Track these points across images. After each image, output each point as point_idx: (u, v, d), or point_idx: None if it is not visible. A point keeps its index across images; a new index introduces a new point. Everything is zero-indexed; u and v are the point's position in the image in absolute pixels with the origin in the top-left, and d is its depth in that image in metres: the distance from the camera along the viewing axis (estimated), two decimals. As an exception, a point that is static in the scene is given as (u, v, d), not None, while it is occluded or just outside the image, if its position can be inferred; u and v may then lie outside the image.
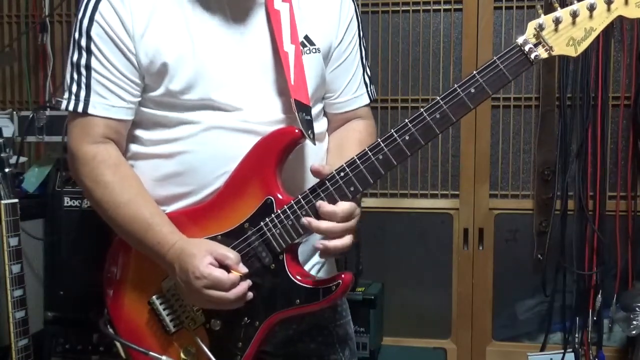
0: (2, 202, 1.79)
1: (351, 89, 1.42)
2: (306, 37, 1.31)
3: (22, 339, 1.81)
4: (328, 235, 1.20)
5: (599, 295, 2.60)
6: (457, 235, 2.74)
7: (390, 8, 2.75)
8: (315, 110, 1.35)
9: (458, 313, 2.76)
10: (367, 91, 1.45)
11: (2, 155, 1.82)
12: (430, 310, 2.77)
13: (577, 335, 2.64)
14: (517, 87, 2.69)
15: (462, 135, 2.72)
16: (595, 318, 2.62)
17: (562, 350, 2.66)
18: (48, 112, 2.27)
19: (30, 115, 2.27)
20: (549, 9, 1.17)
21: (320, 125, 1.38)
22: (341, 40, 1.37)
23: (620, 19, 1.15)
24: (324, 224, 1.19)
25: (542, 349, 2.70)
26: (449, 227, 2.75)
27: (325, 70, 1.37)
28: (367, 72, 1.45)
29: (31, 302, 1.85)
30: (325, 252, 1.21)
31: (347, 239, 1.20)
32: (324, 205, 1.19)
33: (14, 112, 2.36)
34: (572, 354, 2.64)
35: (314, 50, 1.32)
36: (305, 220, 1.20)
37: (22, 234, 1.85)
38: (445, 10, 2.71)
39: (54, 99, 2.75)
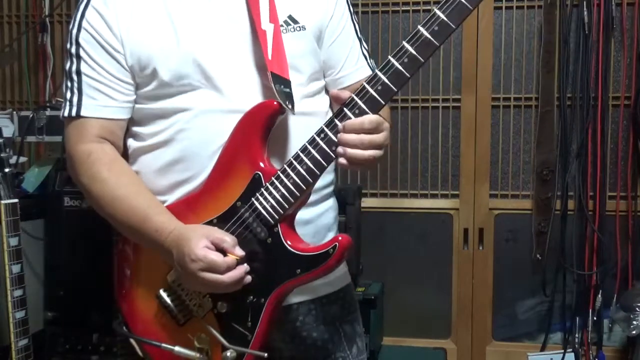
0: (2, 202, 1.79)
1: (351, 62, 1.43)
2: (290, 17, 1.33)
3: (22, 339, 1.81)
4: (353, 146, 1.17)
5: (599, 295, 2.61)
6: (457, 235, 2.74)
7: (390, 8, 2.75)
8: (312, 87, 1.37)
9: (458, 313, 2.76)
10: (368, 63, 1.46)
11: (2, 155, 1.82)
12: (430, 310, 2.77)
13: (577, 335, 2.64)
14: (517, 87, 2.70)
15: (462, 136, 2.72)
16: (595, 318, 2.62)
17: (562, 350, 2.66)
18: (48, 112, 2.27)
19: (30, 115, 2.27)
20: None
21: (318, 103, 1.39)
22: (332, 16, 1.39)
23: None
24: (347, 135, 1.17)
25: (542, 349, 2.71)
26: (449, 227, 2.75)
27: (320, 48, 1.38)
28: (363, 45, 1.46)
29: (31, 302, 1.85)
30: (345, 159, 1.18)
31: (370, 152, 1.18)
32: (348, 122, 1.17)
33: (14, 112, 2.36)
34: (572, 354, 2.65)
35: (298, 29, 1.33)
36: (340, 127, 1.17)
37: (22, 234, 1.85)
38: (445, 10, 2.71)
39: (54, 99, 2.76)
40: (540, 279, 2.67)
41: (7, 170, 1.82)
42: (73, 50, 1.31)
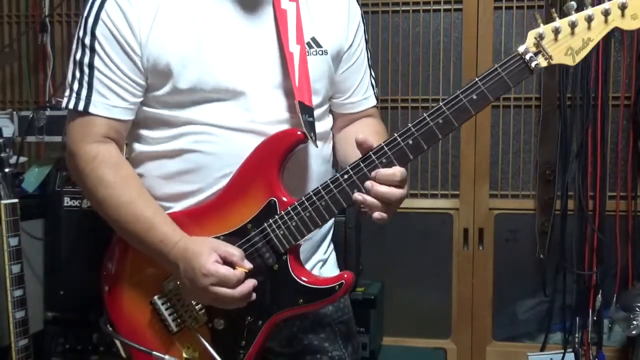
0: (2, 202, 1.79)
1: (361, 91, 1.44)
2: (313, 39, 1.32)
3: (22, 339, 1.81)
4: (386, 200, 1.19)
5: (599, 295, 2.60)
6: (457, 235, 2.74)
7: (390, 8, 2.75)
8: (321, 109, 1.37)
9: (458, 313, 2.76)
10: (374, 93, 1.48)
11: (2, 155, 1.82)
12: (430, 310, 2.77)
13: (577, 335, 2.64)
14: (517, 87, 2.68)
15: (462, 136, 2.72)
16: (595, 318, 2.62)
17: (562, 350, 2.66)
18: (48, 112, 2.27)
19: (30, 115, 2.28)
20: (548, 17, 1.19)
21: (325, 124, 1.40)
22: (351, 43, 1.39)
23: (631, 30, 1.17)
24: (383, 188, 1.18)
25: (542, 349, 2.71)
26: (449, 227, 2.75)
27: (335, 72, 1.38)
28: (372, 74, 1.48)
29: (31, 302, 1.85)
30: (368, 208, 1.20)
31: (388, 215, 1.21)
32: (381, 170, 1.19)
33: (14, 112, 2.36)
34: (572, 354, 2.65)
35: (320, 52, 1.33)
36: (368, 182, 1.19)
37: (22, 234, 1.85)
38: (445, 10, 2.72)
39: (54, 99, 2.76)
40: (541, 279, 2.67)
41: (7, 170, 1.82)
42: (87, 41, 1.25)
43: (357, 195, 1.19)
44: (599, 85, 2.56)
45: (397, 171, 1.18)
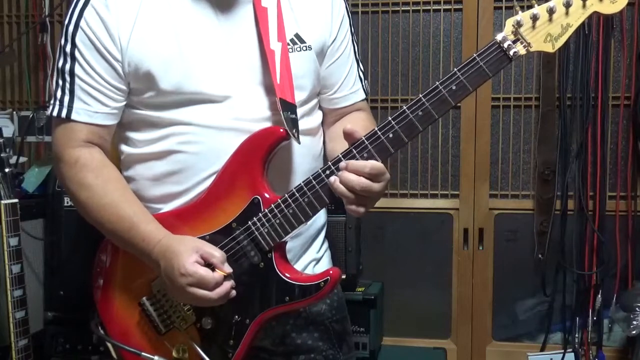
0: (2, 202, 1.79)
1: (347, 85, 1.44)
2: (296, 35, 1.33)
3: (22, 339, 1.81)
4: (351, 188, 1.18)
5: (599, 295, 2.60)
6: (457, 235, 2.74)
7: (390, 8, 2.75)
8: (308, 105, 1.37)
9: (458, 313, 2.76)
10: (362, 86, 1.47)
11: (2, 155, 1.82)
12: (430, 310, 2.77)
13: (577, 335, 2.64)
14: (517, 87, 2.70)
15: (462, 135, 2.72)
16: (595, 318, 2.62)
17: (562, 350, 2.66)
18: (48, 112, 2.27)
19: (30, 115, 2.28)
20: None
21: (314, 120, 1.40)
22: (335, 38, 1.39)
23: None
24: (351, 176, 1.18)
25: (542, 349, 2.71)
26: (449, 227, 2.75)
27: (321, 67, 1.38)
28: (360, 67, 1.47)
29: (31, 302, 1.86)
30: (337, 192, 1.20)
31: (360, 209, 1.20)
32: (352, 161, 1.19)
33: (14, 112, 2.36)
34: (572, 354, 2.64)
35: (304, 48, 1.33)
36: (332, 178, 1.19)
37: (22, 234, 1.85)
38: (445, 10, 2.71)
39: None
40: (540, 279, 2.67)
41: (7, 170, 1.82)
42: (68, 49, 1.27)
43: (331, 178, 1.20)
44: (599, 85, 2.56)
45: (368, 163, 1.18)
